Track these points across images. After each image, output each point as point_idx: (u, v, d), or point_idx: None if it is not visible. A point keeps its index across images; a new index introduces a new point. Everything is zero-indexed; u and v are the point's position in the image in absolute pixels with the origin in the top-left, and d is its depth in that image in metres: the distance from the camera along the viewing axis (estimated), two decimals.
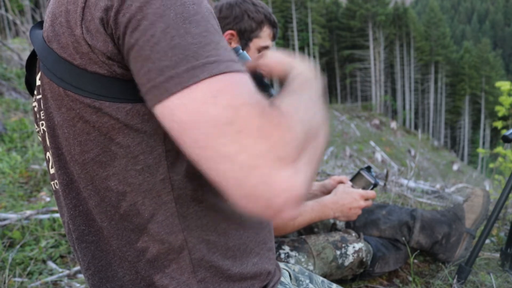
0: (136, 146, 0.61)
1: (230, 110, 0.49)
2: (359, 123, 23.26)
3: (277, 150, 0.49)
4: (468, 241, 1.53)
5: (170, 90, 0.50)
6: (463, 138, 47.17)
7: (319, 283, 0.94)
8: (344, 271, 1.37)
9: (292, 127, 0.51)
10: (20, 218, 1.92)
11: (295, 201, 0.49)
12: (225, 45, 0.55)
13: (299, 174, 0.50)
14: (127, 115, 0.59)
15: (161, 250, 0.65)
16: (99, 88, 0.58)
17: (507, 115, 3.63)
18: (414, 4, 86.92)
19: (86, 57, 0.57)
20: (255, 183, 0.48)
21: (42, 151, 3.05)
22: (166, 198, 0.64)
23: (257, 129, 0.49)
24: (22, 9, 15.87)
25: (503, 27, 76.89)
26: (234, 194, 0.49)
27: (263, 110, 0.50)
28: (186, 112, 0.50)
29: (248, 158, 0.48)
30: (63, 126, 0.63)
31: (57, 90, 0.62)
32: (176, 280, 0.66)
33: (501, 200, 1.42)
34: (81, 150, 0.62)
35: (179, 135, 0.51)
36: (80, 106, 0.60)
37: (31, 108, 4.43)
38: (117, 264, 0.68)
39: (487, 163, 24.88)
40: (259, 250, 0.75)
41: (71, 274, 1.59)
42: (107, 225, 0.66)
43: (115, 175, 0.62)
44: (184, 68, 0.50)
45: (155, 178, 0.63)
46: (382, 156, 15.26)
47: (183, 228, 0.65)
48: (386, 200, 2.36)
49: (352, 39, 46.08)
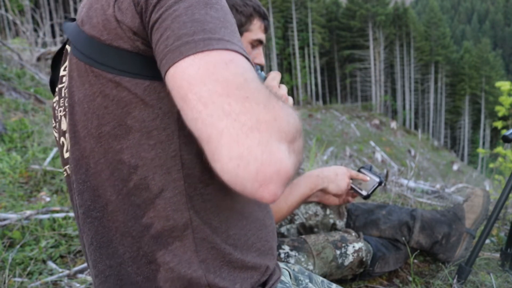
0: (151, 122, 0.64)
1: (240, 77, 0.53)
2: (359, 123, 23.26)
3: (281, 123, 0.51)
4: (468, 241, 1.53)
5: (184, 53, 0.54)
6: (463, 138, 47.16)
7: (318, 283, 0.94)
8: (344, 271, 1.37)
9: (292, 114, 0.55)
10: (20, 218, 1.92)
11: (284, 177, 0.50)
12: (239, 38, 0.59)
13: (291, 155, 0.51)
14: (144, 91, 0.63)
15: (165, 226, 0.66)
16: (121, 64, 0.63)
17: (507, 115, 3.63)
18: (414, 4, 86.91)
19: (113, 33, 0.62)
20: (251, 144, 0.49)
21: (42, 151, 3.05)
22: (175, 176, 0.66)
23: (264, 101, 0.52)
24: (22, 9, 15.86)
25: (503, 27, 76.88)
26: (226, 155, 0.49)
27: (270, 92, 0.54)
28: (197, 71, 0.52)
29: (250, 120, 0.50)
30: (83, 101, 0.67)
31: (83, 67, 0.66)
32: (178, 257, 0.67)
33: (501, 200, 1.42)
34: (98, 123, 0.66)
35: (184, 94, 0.52)
36: (102, 81, 0.64)
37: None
38: (118, 241, 0.69)
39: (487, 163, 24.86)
40: (260, 246, 0.76)
41: (71, 274, 1.59)
42: (115, 199, 0.67)
43: (128, 148, 0.65)
44: (201, 37, 0.54)
45: (167, 154, 0.65)
46: (382, 156, 15.27)
47: (189, 207, 0.67)
48: (386, 200, 2.36)
49: (352, 39, 46.06)
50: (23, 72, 5.89)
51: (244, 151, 0.49)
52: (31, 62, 7.22)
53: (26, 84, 5.48)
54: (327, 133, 18.85)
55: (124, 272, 0.70)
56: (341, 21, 46.80)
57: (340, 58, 48.58)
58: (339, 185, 1.33)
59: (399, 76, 47.77)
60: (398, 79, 47.84)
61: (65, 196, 2.41)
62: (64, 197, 2.40)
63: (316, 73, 46.74)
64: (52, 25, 24.16)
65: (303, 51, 46.18)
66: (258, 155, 0.49)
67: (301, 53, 46.12)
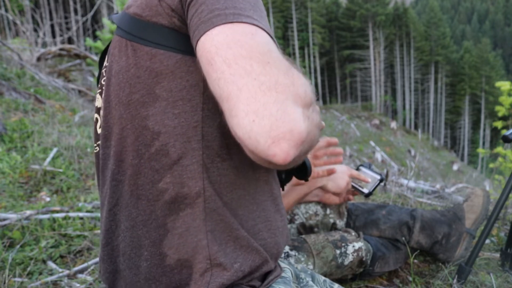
0: (178, 92, 0.69)
1: (264, 46, 0.57)
2: (359, 123, 23.25)
3: (298, 89, 0.55)
4: (468, 241, 1.53)
5: (215, 23, 0.59)
6: (463, 138, 47.16)
7: (321, 282, 0.94)
8: (343, 271, 1.37)
9: (309, 86, 0.59)
10: (20, 218, 1.92)
11: (297, 137, 0.52)
12: (267, 21, 0.64)
13: (306, 120, 0.54)
14: (176, 63, 0.69)
15: (179, 193, 0.70)
16: (158, 38, 0.69)
17: (507, 115, 3.63)
18: (414, 4, 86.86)
19: (154, 10, 0.69)
20: (267, 101, 0.52)
21: (42, 151, 3.05)
22: (195, 145, 0.70)
23: (284, 68, 0.56)
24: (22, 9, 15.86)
25: (503, 27, 76.86)
26: (242, 109, 0.52)
27: (290, 64, 0.58)
28: (225, 38, 0.57)
29: (269, 81, 0.53)
30: (119, 73, 0.73)
31: (124, 43, 0.73)
32: (187, 224, 0.71)
33: (501, 200, 1.42)
34: (129, 91, 0.72)
35: (211, 58, 0.57)
36: (139, 53, 0.70)
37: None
38: (132, 204, 0.73)
39: (487, 163, 24.86)
40: (266, 236, 0.77)
41: (71, 274, 1.59)
42: (136, 163, 0.72)
43: (154, 115, 0.70)
44: (232, 11, 0.60)
45: (189, 124, 0.69)
46: (382, 156, 15.26)
47: (204, 177, 0.70)
48: (386, 200, 2.35)
49: (352, 39, 46.07)
50: (23, 72, 5.89)
51: (260, 107, 0.52)
52: (31, 62, 7.21)
53: (26, 84, 5.47)
54: (327, 133, 18.84)
55: (135, 235, 0.74)
56: (341, 21, 46.81)
57: (340, 58, 48.59)
58: (338, 183, 1.32)
59: (399, 76, 47.77)
60: (398, 79, 47.83)
61: (65, 196, 2.41)
62: (64, 197, 2.40)
63: (316, 73, 46.74)
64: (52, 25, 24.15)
65: (303, 51, 46.17)
66: (273, 111, 0.52)
67: (301, 53, 46.12)
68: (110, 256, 0.79)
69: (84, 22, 20.76)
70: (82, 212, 2.08)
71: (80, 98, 6.32)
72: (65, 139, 3.41)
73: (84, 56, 8.19)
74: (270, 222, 0.78)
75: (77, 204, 2.21)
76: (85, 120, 4.57)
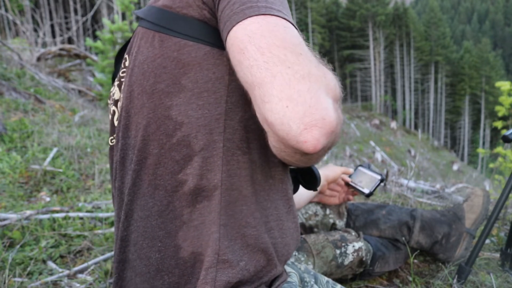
0: (203, 84, 0.69)
1: (296, 39, 0.59)
2: (359, 123, 23.25)
3: (329, 81, 0.57)
4: (468, 241, 1.53)
5: (248, 14, 0.60)
6: (463, 138, 47.15)
7: (324, 283, 0.94)
8: (343, 270, 1.37)
9: (337, 81, 0.60)
10: (20, 218, 1.91)
11: (328, 126, 0.53)
12: (293, 20, 0.65)
13: (336, 111, 0.55)
14: (204, 55, 0.69)
15: (198, 185, 0.70)
16: (187, 29, 0.70)
17: (507, 115, 3.63)
18: (414, 4, 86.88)
19: (184, 2, 0.70)
20: (302, 89, 0.53)
21: (42, 151, 3.05)
22: (216, 137, 0.70)
23: (315, 62, 0.58)
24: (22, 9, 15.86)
25: (503, 27, 76.85)
26: (276, 95, 0.53)
27: (320, 60, 0.60)
28: (258, 27, 0.58)
29: (303, 70, 0.55)
30: (144, 63, 0.73)
31: (150, 34, 0.74)
32: (203, 217, 0.71)
33: (501, 200, 1.42)
34: (154, 81, 0.72)
35: (243, 46, 0.58)
36: (167, 44, 0.71)
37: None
38: (149, 194, 0.73)
39: (487, 163, 24.87)
40: (277, 235, 0.77)
41: (71, 274, 1.58)
42: (157, 152, 0.72)
43: (177, 106, 0.70)
44: (264, 5, 0.61)
45: (212, 116, 0.69)
46: (382, 156, 15.26)
47: (223, 170, 0.70)
48: (386, 200, 2.35)
49: (352, 39, 46.06)
50: (23, 72, 5.89)
51: (294, 93, 0.53)
52: (31, 62, 7.22)
53: (26, 84, 5.47)
54: None
55: (149, 225, 0.73)
56: (341, 21, 46.80)
57: (340, 58, 48.58)
58: (333, 170, 1.39)
59: (399, 76, 47.76)
60: (398, 79, 47.82)
61: (65, 196, 2.41)
62: (64, 197, 2.40)
63: None
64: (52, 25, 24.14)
65: None
66: (307, 99, 0.53)
67: None
68: (120, 246, 0.79)
69: (84, 22, 20.77)
70: (82, 212, 2.08)
71: (80, 98, 6.32)
72: (65, 139, 3.41)
73: (84, 56, 8.19)
74: (282, 221, 0.78)
75: (77, 204, 2.21)
76: (85, 120, 4.57)
